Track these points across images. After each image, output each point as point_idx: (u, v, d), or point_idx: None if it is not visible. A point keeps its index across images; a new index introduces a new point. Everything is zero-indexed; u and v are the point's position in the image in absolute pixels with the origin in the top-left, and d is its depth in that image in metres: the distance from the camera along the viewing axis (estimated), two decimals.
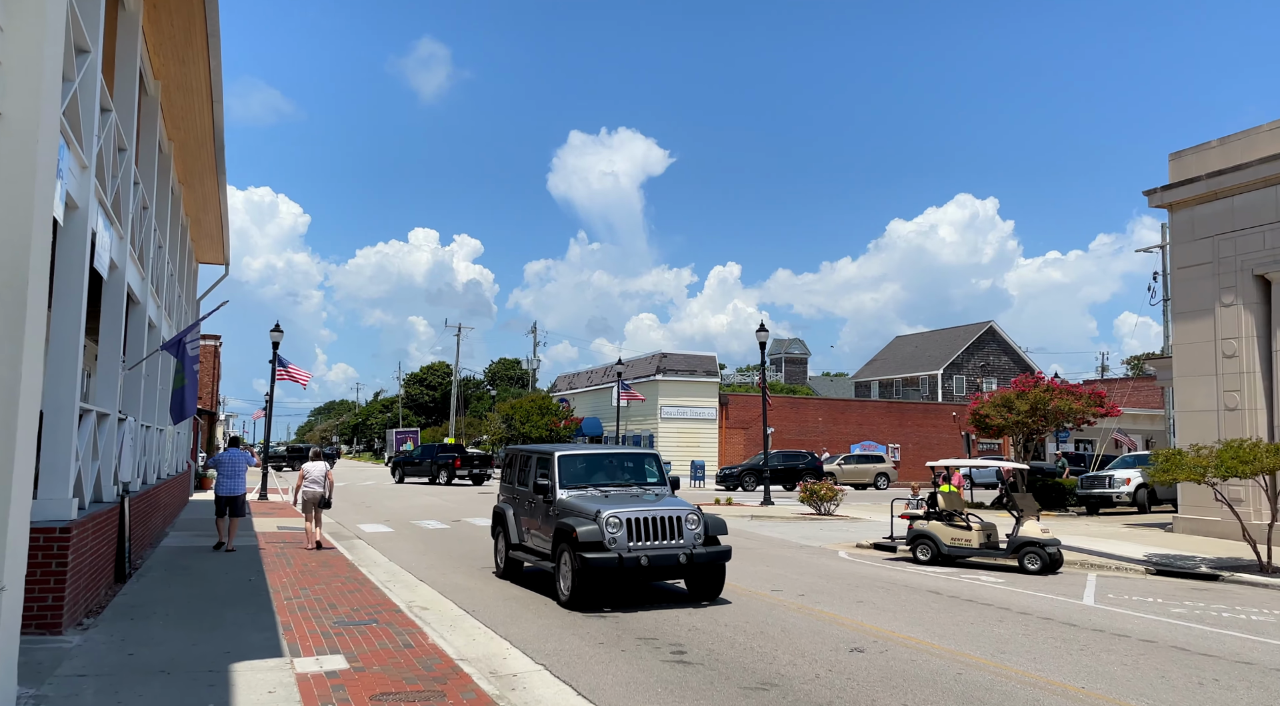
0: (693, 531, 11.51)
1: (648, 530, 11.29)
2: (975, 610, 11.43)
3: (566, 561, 11.29)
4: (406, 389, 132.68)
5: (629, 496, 12.16)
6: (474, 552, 17.13)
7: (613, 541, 11.08)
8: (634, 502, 11.76)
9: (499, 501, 14.60)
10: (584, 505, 11.68)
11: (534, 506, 12.99)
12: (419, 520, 24.45)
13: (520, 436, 50.65)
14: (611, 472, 12.85)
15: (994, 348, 67.93)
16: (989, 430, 28.60)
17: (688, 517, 11.55)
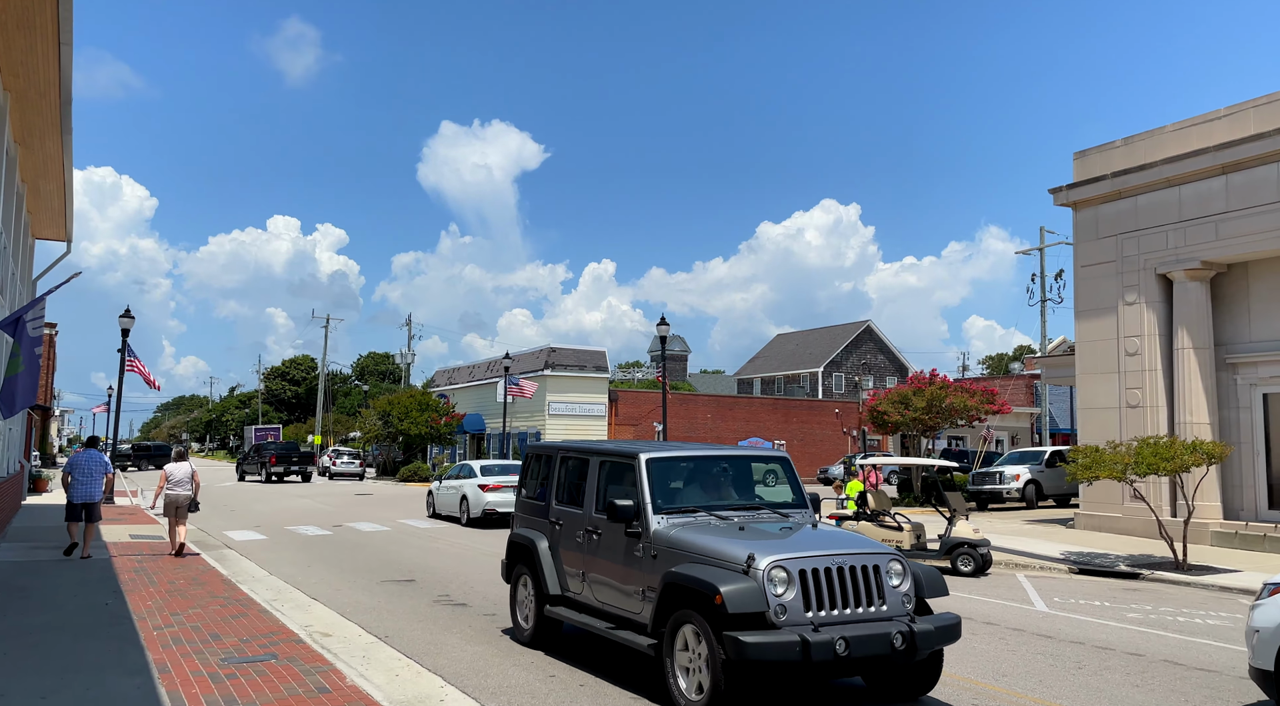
0: (898, 590, 6.86)
1: (834, 589, 6.66)
2: None
3: (694, 644, 6.71)
4: (267, 383, 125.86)
5: (767, 526, 7.61)
6: (368, 563, 15.41)
7: (781, 611, 6.44)
8: (790, 539, 7.16)
9: (517, 528, 9.66)
10: (712, 543, 7.00)
11: (599, 539, 8.17)
12: (295, 526, 22.31)
13: (398, 433, 48.15)
14: (720, 487, 8.36)
15: (871, 346, 69.62)
16: (885, 426, 28.63)
17: (889, 566, 6.90)
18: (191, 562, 14.72)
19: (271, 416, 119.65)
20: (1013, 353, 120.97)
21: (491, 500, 22.58)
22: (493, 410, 53.78)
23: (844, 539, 7.27)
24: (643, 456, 7.95)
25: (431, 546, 17.92)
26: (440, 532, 20.72)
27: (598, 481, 8.46)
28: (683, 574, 6.84)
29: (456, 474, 24.90)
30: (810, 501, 8.37)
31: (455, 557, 16.09)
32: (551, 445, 9.58)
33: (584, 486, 8.63)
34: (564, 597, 8.68)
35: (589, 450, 8.82)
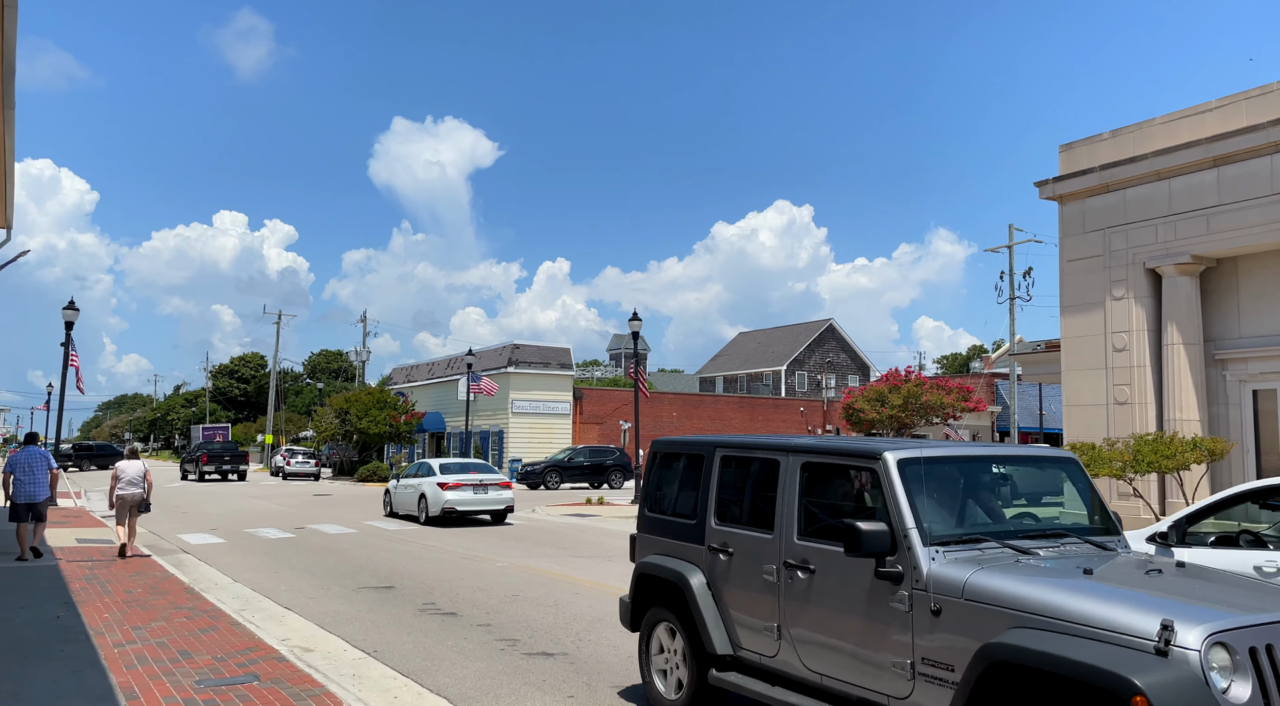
0: None
1: None
2: None
3: None
4: (215, 382, 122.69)
5: (1106, 563, 5.11)
6: (339, 568, 14.47)
7: None
8: (1194, 589, 4.73)
9: (652, 557, 6.93)
10: (1069, 596, 4.40)
11: (808, 579, 5.59)
12: (255, 528, 21.19)
13: (357, 432, 46.79)
14: (996, 501, 5.79)
15: (833, 345, 69.68)
16: (861, 424, 28.28)
17: None
18: (147, 569, 13.67)
19: (219, 415, 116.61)
20: (966, 352, 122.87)
21: (451, 498, 22.12)
22: (453, 408, 52.61)
23: (1265, 587, 4.79)
24: (891, 456, 5.29)
25: (404, 549, 17.02)
26: (409, 534, 19.79)
27: (799, 492, 5.83)
28: (1031, 649, 4.25)
29: (414, 472, 24.42)
30: (1117, 523, 5.87)
31: (432, 561, 15.23)
32: (699, 441, 6.93)
33: (775, 499, 5.97)
34: (737, 659, 6.13)
35: (780, 446, 6.14)
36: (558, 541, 18.30)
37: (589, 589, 12.25)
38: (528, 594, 11.75)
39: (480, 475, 22.92)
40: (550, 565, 14.68)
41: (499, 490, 22.76)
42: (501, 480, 23.19)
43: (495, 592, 11.85)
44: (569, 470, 39.87)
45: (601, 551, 16.76)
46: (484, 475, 23.03)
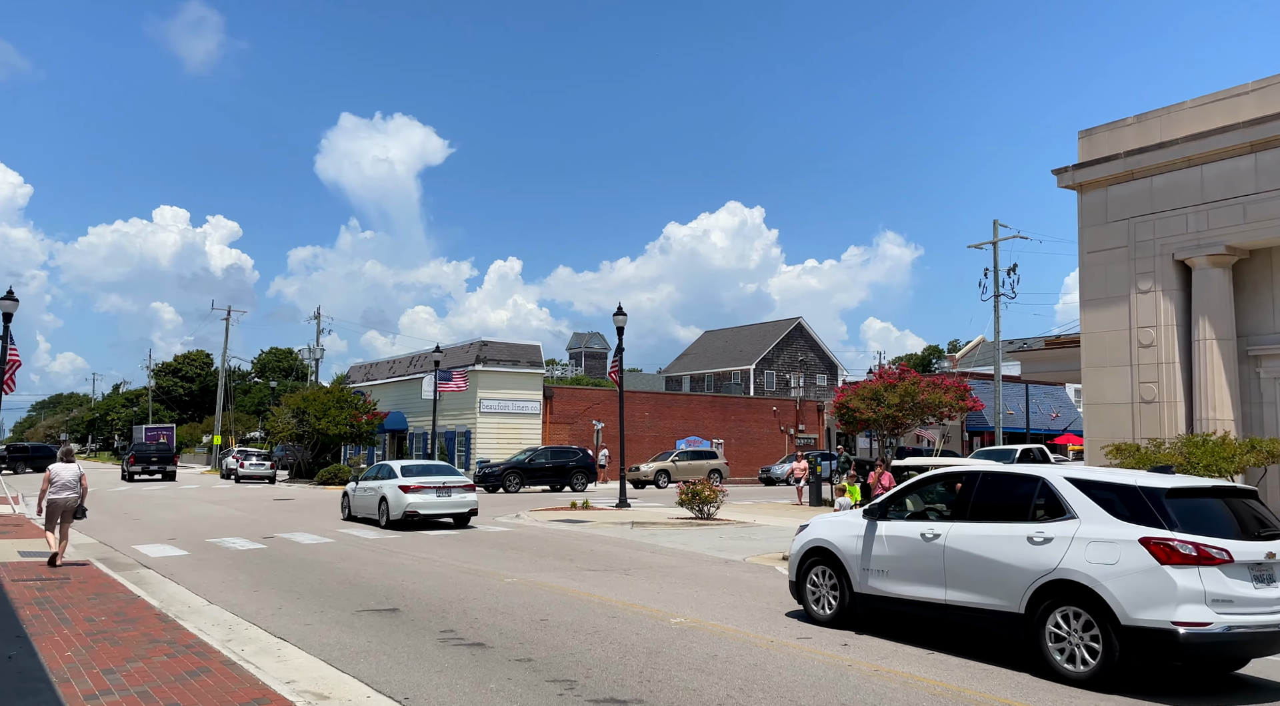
0: None
1: None
2: None
3: None
4: (158, 380, 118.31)
5: None
6: (327, 586, 12.88)
7: None
8: None
9: None
10: None
11: None
12: (219, 538, 19.41)
13: (315, 432, 44.64)
14: None
15: (802, 344, 68.93)
16: (855, 424, 27.25)
17: None
18: (107, 589, 11.96)
19: (163, 415, 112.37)
20: (921, 352, 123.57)
21: (413, 501, 21.42)
22: (416, 408, 50.68)
23: None
24: None
25: (393, 562, 15.45)
26: (394, 544, 18.19)
27: None
28: None
29: (375, 474, 23.68)
30: None
31: (431, 577, 13.71)
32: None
33: None
34: None
35: None
36: (561, 552, 16.87)
37: (626, 611, 10.88)
38: (557, 617, 10.33)
39: (443, 478, 22.29)
40: (566, 581, 13.26)
41: (463, 493, 22.14)
42: (465, 483, 22.62)
43: (518, 616, 10.42)
44: (530, 472, 38.38)
45: (614, 563, 15.38)
46: (447, 478, 22.40)
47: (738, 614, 10.81)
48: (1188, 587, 7.27)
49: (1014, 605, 8.18)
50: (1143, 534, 7.55)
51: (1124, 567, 7.52)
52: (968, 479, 9.36)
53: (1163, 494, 7.82)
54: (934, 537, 9.03)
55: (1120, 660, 7.42)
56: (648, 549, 17.35)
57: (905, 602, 9.27)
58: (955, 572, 8.73)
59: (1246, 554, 7.45)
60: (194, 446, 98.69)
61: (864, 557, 9.76)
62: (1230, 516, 7.91)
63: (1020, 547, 8.25)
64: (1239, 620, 7.28)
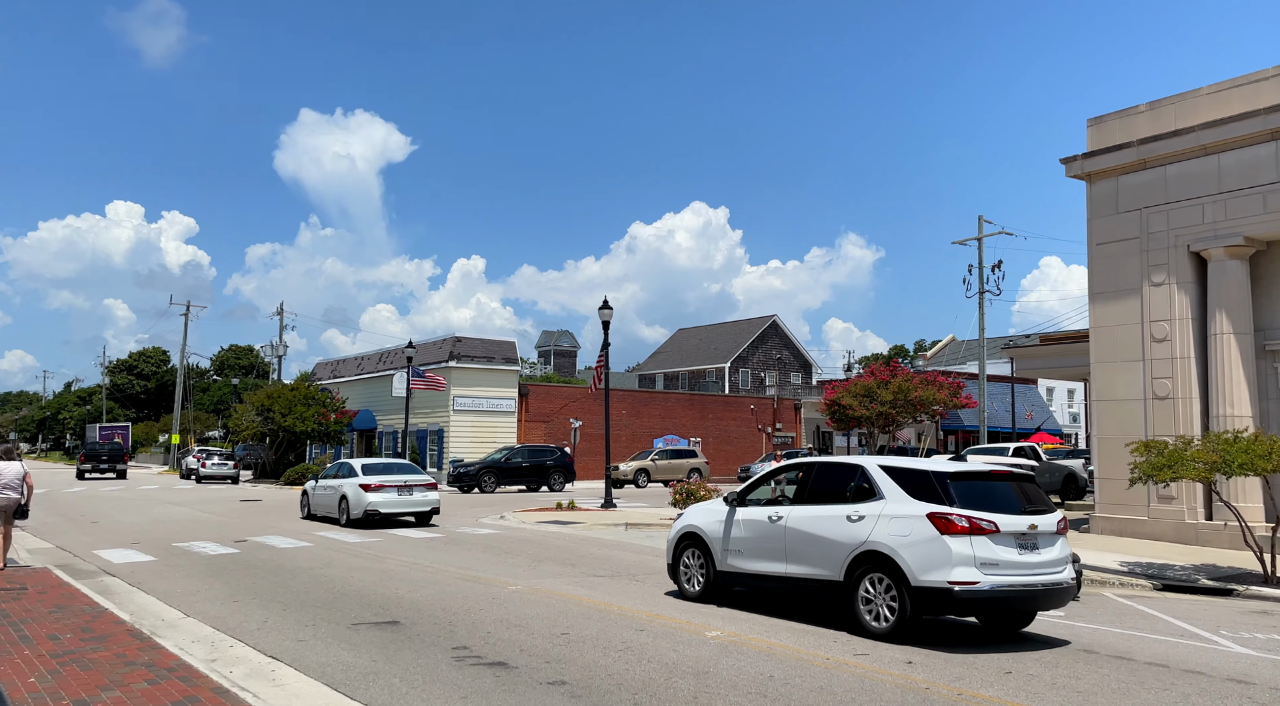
0: None
1: None
2: (1150, 673, 8.16)
3: None
4: (113, 378, 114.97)
5: None
6: (315, 594, 11.82)
7: None
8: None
9: None
10: None
11: None
12: (186, 542, 18.18)
13: (281, 430, 43.11)
14: None
15: (777, 342, 68.39)
16: (849, 421, 26.57)
17: None
18: (71, 600, 10.81)
19: (118, 414, 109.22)
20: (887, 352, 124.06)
21: (374, 500, 21.51)
22: (386, 406, 49.31)
23: None
24: None
25: (381, 568, 14.39)
26: (378, 549, 17.11)
27: None
28: None
29: (335, 473, 23.67)
30: None
31: (426, 584, 12.69)
32: None
33: None
34: None
35: None
36: (559, 556, 15.92)
37: (652, 624, 9.97)
38: (580, 631, 9.40)
39: (405, 476, 22.36)
40: (575, 588, 12.32)
41: (424, 491, 22.24)
42: (427, 481, 22.66)
43: (536, 629, 9.47)
44: (507, 471, 37.29)
45: (621, 568, 14.47)
46: (408, 476, 22.46)
47: (778, 629, 9.95)
48: (961, 553, 8.63)
49: (836, 574, 9.52)
50: (929, 509, 8.92)
51: (914, 538, 8.89)
52: (807, 468, 10.70)
53: (948, 476, 9.18)
54: (778, 520, 10.34)
55: (911, 616, 8.81)
56: (650, 552, 16.44)
57: (758, 577, 10.60)
58: (794, 549, 10.05)
59: (1012, 525, 8.84)
60: (150, 445, 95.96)
61: (725, 540, 11.02)
62: (1004, 495, 9.21)
63: (841, 525, 9.58)
64: (1003, 580, 8.69)
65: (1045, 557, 8.98)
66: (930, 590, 8.65)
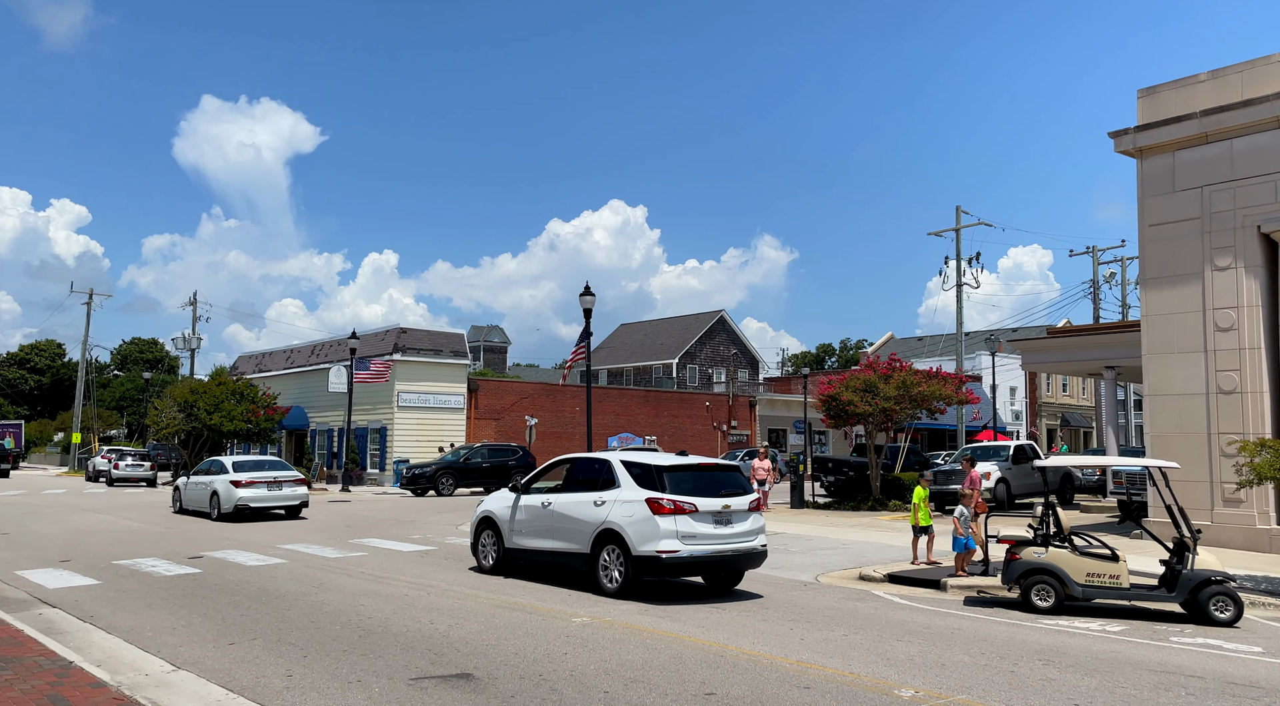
0: None
1: None
2: None
3: None
4: (3, 372, 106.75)
5: None
6: (323, 629, 9.34)
7: None
8: None
9: None
10: None
11: None
12: (127, 559, 15.34)
13: (207, 428, 39.36)
14: None
15: (724, 338, 66.88)
16: (848, 417, 24.96)
17: None
18: (15, 648, 8.16)
19: (8, 410, 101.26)
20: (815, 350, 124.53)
21: (244, 495, 23.35)
22: (320, 402, 45.90)
23: None
24: None
25: (389, 591, 11.94)
26: (369, 565, 14.57)
27: None
28: None
29: (206, 469, 25.31)
30: None
31: (461, 612, 10.34)
32: None
33: None
34: None
35: None
36: None
37: (808, 675, 7.92)
38: (725, 688, 7.25)
39: (275, 472, 24.34)
40: (655, 620, 10.16)
41: (294, 486, 24.25)
42: (297, 477, 24.68)
43: (662, 685, 7.29)
44: (465, 472, 34.71)
45: (684, 591, 12.34)
46: (279, 472, 24.47)
47: (951, 674, 7.98)
48: (667, 528, 10.91)
49: (585, 547, 11.70)
50: (646, 496, 11.17)
51: (636, 518, 11.10)
52: (570, 463, 13.03)
53: (664, 469, 11.43)
54: (548, 505, 12.48)
55: (633, 578, 11.10)
56: None
57: (533, 552, 12.74)
58: (557, 528, 12.21)
59: (709, 506, 11.15)
60: (45, 445, 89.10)
61: (511, 522, 13.11)
62: (706, 482, 11.50)
63: (590, 509, 11.74)
64: (700, 549, 11.01)
65: (738, 529, 11.39)
66: (646, 558, 10.95)
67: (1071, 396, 64.75)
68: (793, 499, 26.15)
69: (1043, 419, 61.64)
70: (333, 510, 26.74)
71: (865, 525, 21.06)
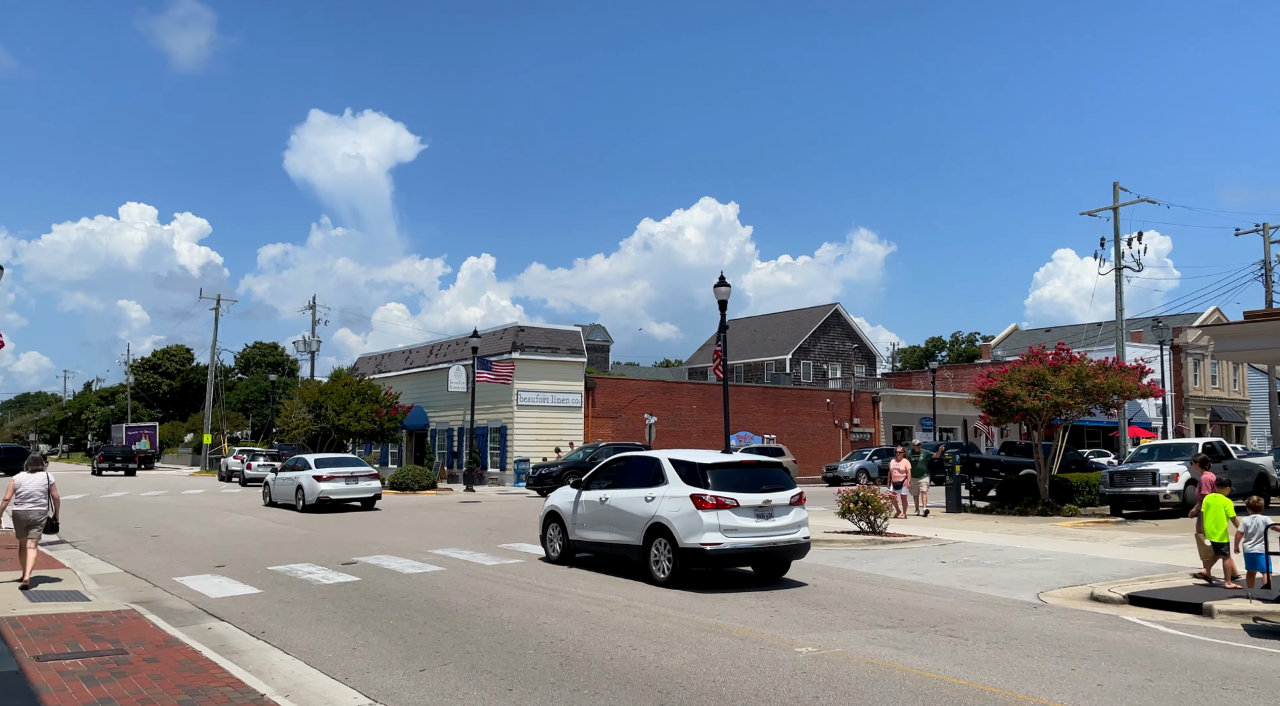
0: None
1: None
2: None
3: None
4: (138, 377, 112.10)
5: None
6: (512, 653, 8.37)
7: None
8: None
9: None
10: None
11: None
12: (281, 565, 14.89)
13: (334, 428, 39.79)
14: None
15: (839, 332, 64.61)
16: (1013, 413, 23.01)
17: None
18: (194, 672, 7.44)
19: (142, 413, 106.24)
20: (924, 345, 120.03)
21: (325, 489, 25.57)
22: (439, 402, 45.99)
23: None
24: None
25: (566, 606, 10.95)
26: (531, 573, 13.67)
27: None
28: None
29: (292, 466, 27.59)
30: None
31: (662, 635, 9.25)
32: None
33: None
34: None
35: None
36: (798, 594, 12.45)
37: None
38: None
39: (351, 468, 26.51)
40: (891, 652, 8.85)
41: (368, 481, 26.41)
42: (370, 472, 26.84)
43: None
44: None
45: (884, 609, 10.98)
46: (354, 468, 26.61)
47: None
48: (710, 522, 11.73)
49: (637, 539, 12.57)
50: (690, 492, 11.99)
51: (682, 512, 11.93)
52: (626, 461, 13.70)
53: (707, 467, 12.23)
54: (605, 500, 13.29)
55: (680, 568, 11.97)
56: (890, 583, 12.90)
57: (593, 543, 13.68)
58: (613, 521, 13.08)
59: (750, 501, 11.93)
60: (176, 446, 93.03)
61: (574, 516, 14.00)
62: (747, 478, 12.28)
63: (641, 504, 12.57)
64: (742, 541, 11.84)
65: (780, 523, 12.05)
66: (691, 549, 11.70)
67: (1222, 389, 60.16)
68: (948, 502, 24.33)
69: (1190, 413, 57.36)
70: (467, 511, 26.26)
71: (1048, 533, 19.17)
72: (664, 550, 12.11)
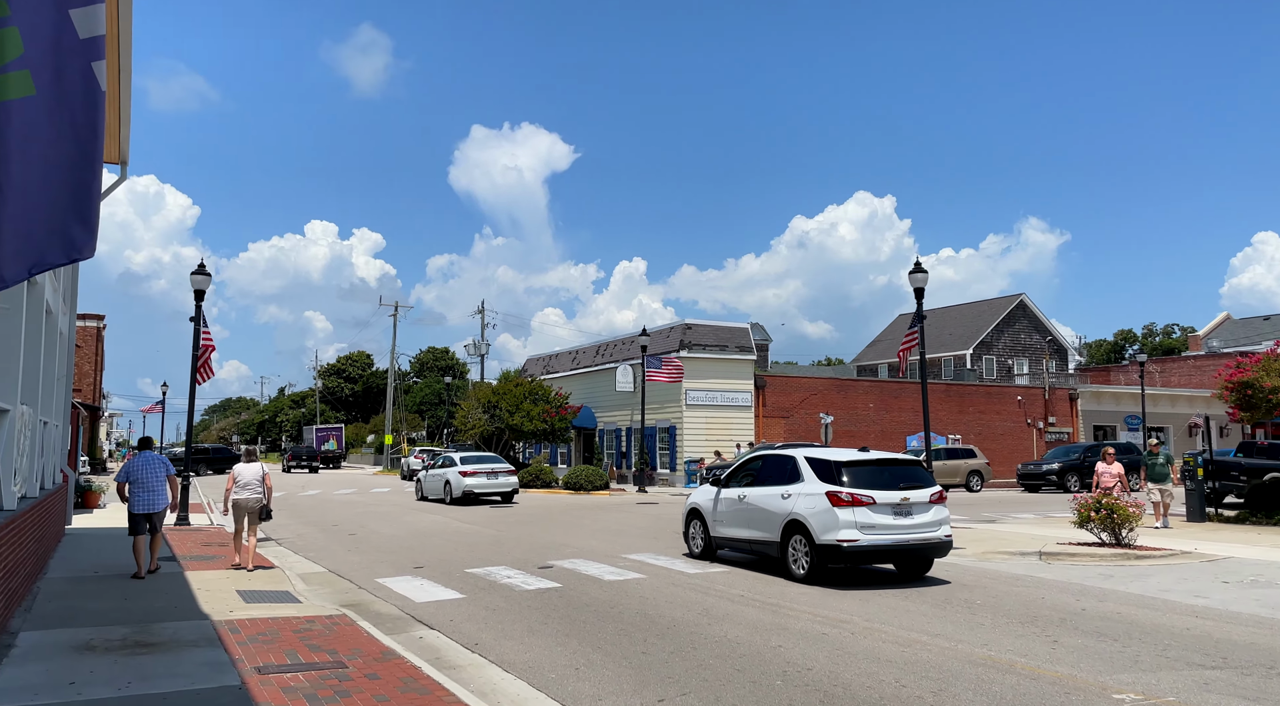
0: None
1: None
2: None
3: None
4: (324, 381, 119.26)
5: None
6: (757, 681, 7.27)
7: None
8: None
9: None
10: None
11: None
12: (478, 567, 14.51)
13: (508, 428, 40.24)
14: None
15: (1025, 324, 60.34)
16: (1270, 409, 20.05)
17: None
18: (419, 696, 6.71)
19: (328, 416, 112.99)
20: (1112, 338, 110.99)
21: (469, 484, 28.19)
22: (606, 401, 45.82)
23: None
24: None
25: (798, 626, 9.79)
26: (740, 584, 12.59)
27: None
28: None
29: (441, 464, 30.14)
30: None
31: (919, 667, 7.96)
32: None
33: None
34: None
35: None
36: (1044, 616, 10.86)
37: None
38: None
39: (491, 465, 28.93)
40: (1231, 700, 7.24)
41: (507, 476, 28.89)
42: (508, 469, 29.13)
43: None
44: None
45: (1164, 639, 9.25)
46: (494, 465, 29.03)
47: None
48: (847, 519, 11.93)
49: (775, 536, 12.99)
50: (826, 489, 12.26)
51: (817, 509, 12.22)
52: (764, 460, 14.22)
53: (842, 465, 12.53)
54: (743, 498, 13.92)
55: (818, 564, 12.18)
56: (1175, 608, 11.02)
57: (733, 540, 14.28)
58: (752, 518, 13.65)
59: (887, 499, 12.13)
60: (360, 446, 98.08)
61: (714, 513, 14.70)
62: (884, 476, 12.49)
63: (778, 501, 13.04)
64: (878, 539, 11.98)
65: (919, 520, 12.26)
66: (828, 546, 11.99)
67: None
68: (1189, 509, 21.54)
69: None
70: (647, 513, 25.55)
71: None
72: (801, 547, 12.40)
